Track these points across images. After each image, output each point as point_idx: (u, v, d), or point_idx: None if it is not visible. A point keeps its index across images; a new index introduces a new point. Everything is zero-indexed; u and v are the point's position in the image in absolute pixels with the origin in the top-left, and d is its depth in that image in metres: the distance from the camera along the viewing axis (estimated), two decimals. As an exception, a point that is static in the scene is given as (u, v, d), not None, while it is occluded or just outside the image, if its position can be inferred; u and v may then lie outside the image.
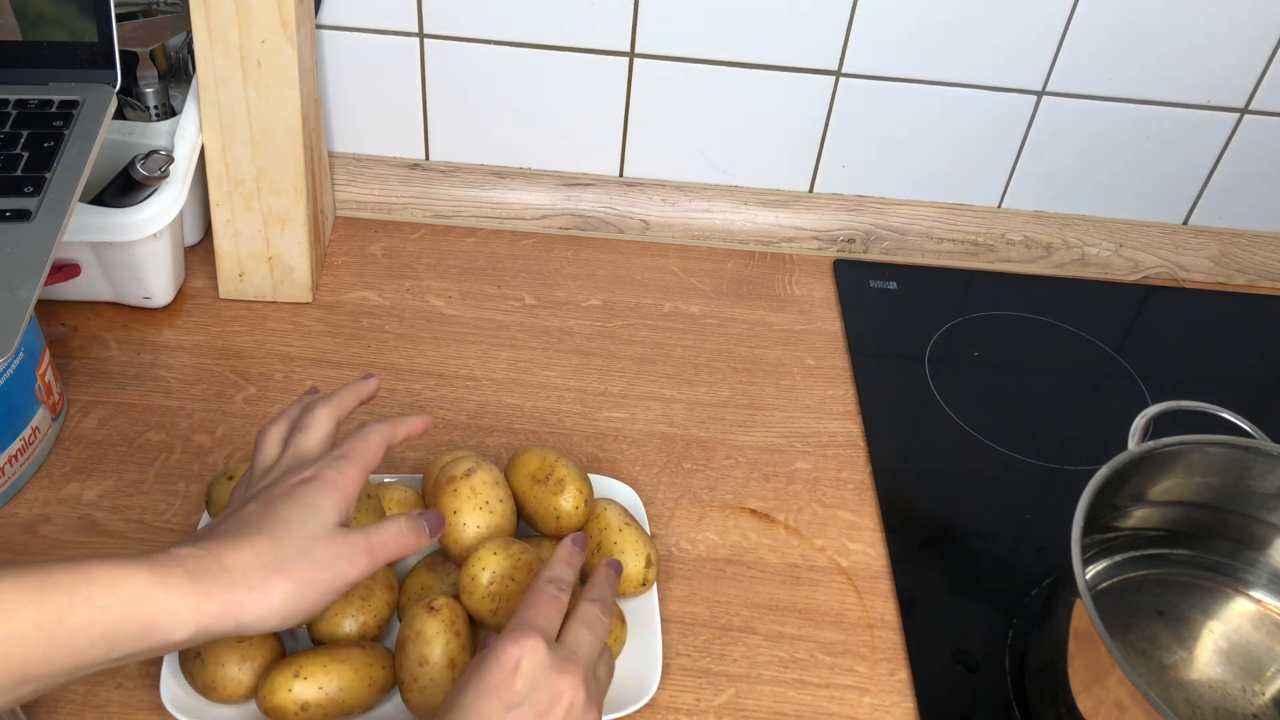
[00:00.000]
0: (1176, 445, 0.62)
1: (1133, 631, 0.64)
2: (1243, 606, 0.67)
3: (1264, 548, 0.67)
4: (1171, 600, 0.67)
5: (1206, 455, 0.64)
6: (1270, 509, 0.65)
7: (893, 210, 0.94)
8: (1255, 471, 0.64)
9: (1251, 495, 0.65)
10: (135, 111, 0.81)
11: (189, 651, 0.57)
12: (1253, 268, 0.96)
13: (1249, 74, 0.87)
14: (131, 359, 0.78)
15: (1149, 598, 0.66)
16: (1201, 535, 0.68)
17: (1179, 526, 0.68)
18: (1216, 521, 0.67)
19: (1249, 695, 0.62)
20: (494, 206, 0.92)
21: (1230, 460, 0.63)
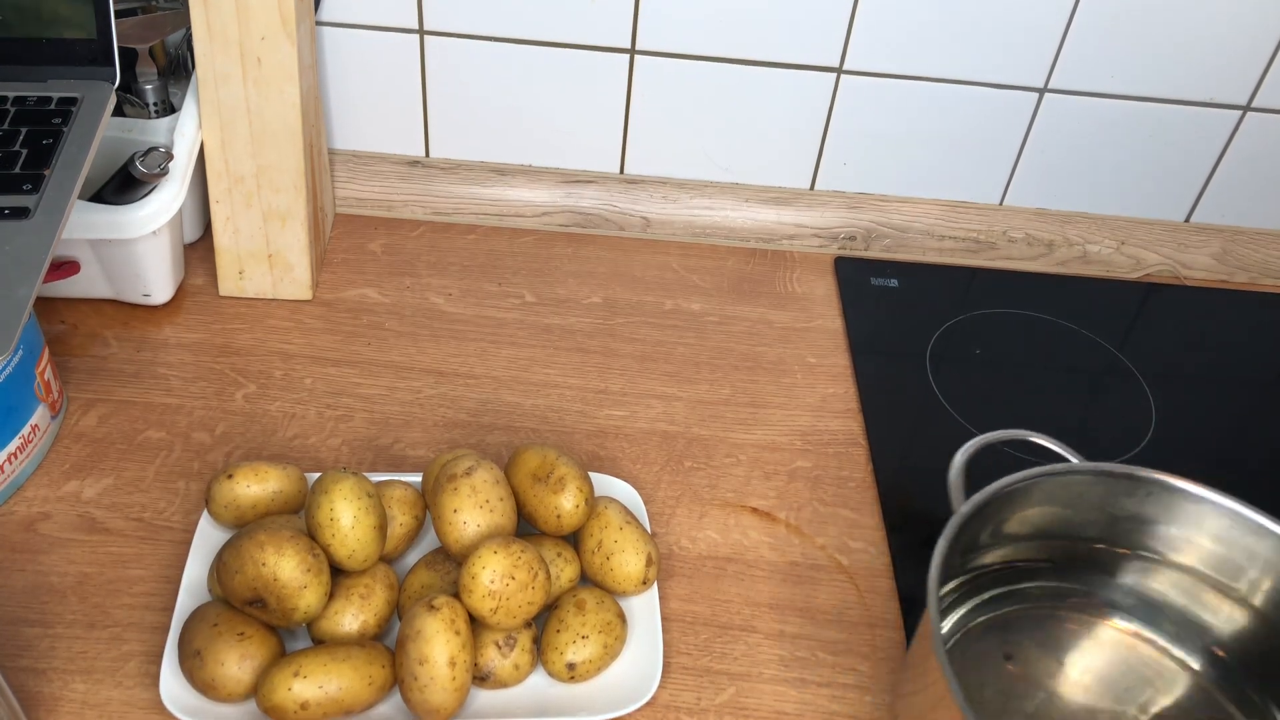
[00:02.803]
0: (1024, 481, 0.60)
1: (988, 684, 0.62)
2: (1099, 633, 0.65)
3: (1112, 571, 0.66)
4: (1018, 639, 0.64)
5: (1059, 485, 0.62)
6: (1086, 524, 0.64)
7: (894, 208, 0.94)
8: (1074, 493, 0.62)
9: (1101, 520, 0.64)
10: (134, 108, 0.81)
11: (189, 650, 0.57)
12: (1255, 265, 0.96)
13: (1251, 71, 0.86)
14: (131, 356, 0.78)
15: (996, 642, 0.64)
16: (1046, 566, 0.66)
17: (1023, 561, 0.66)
18: (1063, 550, 0.65)
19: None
20: (494, 204, 0.92)
21: (1049, 491, 0.62)
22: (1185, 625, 0.65)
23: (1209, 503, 0.61)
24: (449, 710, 0.56)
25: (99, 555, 0.65)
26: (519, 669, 0.59)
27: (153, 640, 0.61)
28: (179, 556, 0.65)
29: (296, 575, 0.57)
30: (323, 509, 0.59)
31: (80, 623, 0.62)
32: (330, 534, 0.59)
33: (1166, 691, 0.63)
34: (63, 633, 0.62)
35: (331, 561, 0.59)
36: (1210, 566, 0.63)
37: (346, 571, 0.60)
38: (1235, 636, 0.64)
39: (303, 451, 0.73)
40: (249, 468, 0.64)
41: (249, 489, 0.63)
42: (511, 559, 0.58)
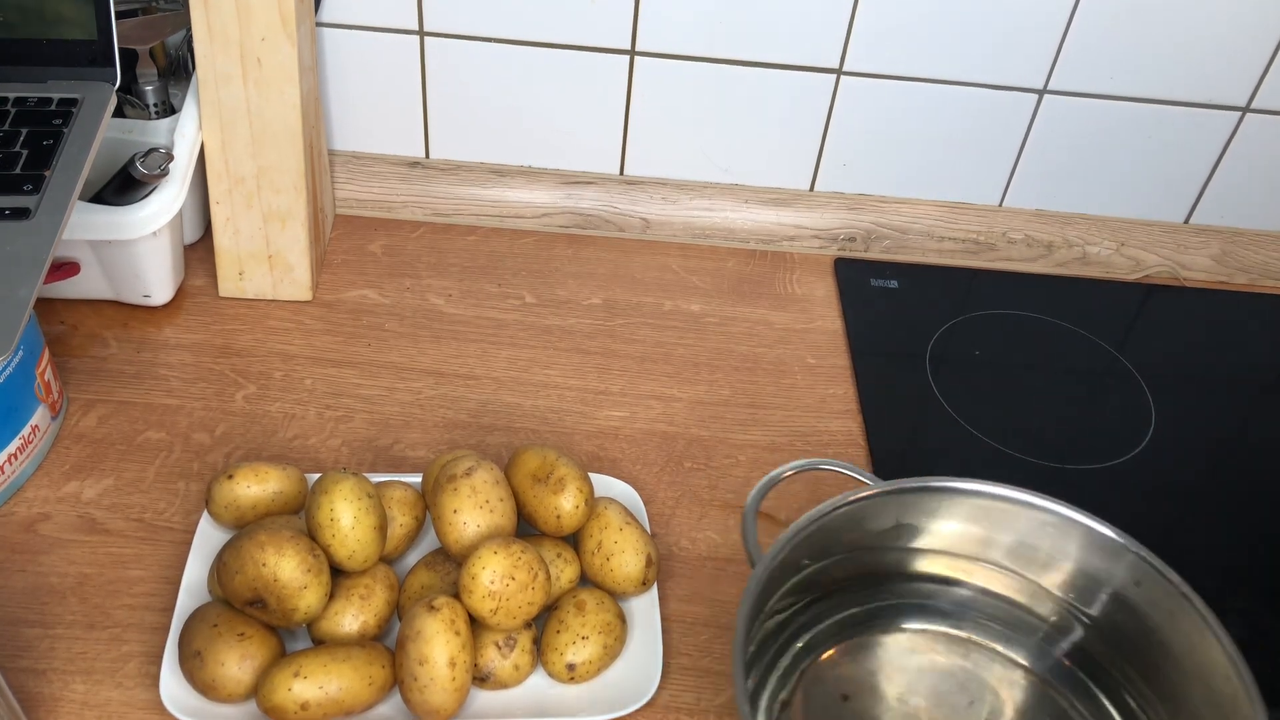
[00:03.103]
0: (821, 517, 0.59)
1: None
2: (932, 651, 0.64)
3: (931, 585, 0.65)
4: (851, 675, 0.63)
5: (857, 511, 0.61)
6: (888, 541, 0.64)
7: (894, 209, 0.94)
8: (870, 515, 0.62)
9: (872, 539, 0.63)
10: (135, 109, 0.81)
11: (189, 650, 0.57)
12: (1254, 267, 0.96)
13: (1251, 72, 0.86)
14: (131, 357, 0.78)
15: (830, 684, 0.62)
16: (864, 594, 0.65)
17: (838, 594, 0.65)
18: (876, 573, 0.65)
19: None
20: (494, 205, 0.92)
21: (848, 516, 0.61)
22: (1015, 626, 0.65)
23: (1011, 501, 0.62)
24: (449, 711, 0.56)
25: (99, 556, 0.65)
26: (519, 669, 0.60)
27: (153, 641, 0.61)
28: (179, 557, 0.65)
29: (297, 576, 0.57)
30: (323, 509, 0.59)
31: (80, 623, 0.62)
32: (330, 534, 0.59)
33: (1009, 697, 0.63)
34: (63, 633, 0.62)
35: (332, 562, 0.59)
36: (1025, 565, 0.63)
37: (347, 572, 0.60)
38: (1062, 631, 0.64)
39: (303, 452, 0.73)
40: (249, 468, 0.64)
41: (249, 490, 0.63)
42: (511, 559, 0.58)
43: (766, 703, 0.60)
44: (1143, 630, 0.60)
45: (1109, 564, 0.61)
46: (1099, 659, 0.63)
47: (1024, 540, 0.63)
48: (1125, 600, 0.61)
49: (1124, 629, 0.61)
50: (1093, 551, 0.61)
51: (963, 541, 0.64)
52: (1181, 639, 0.58)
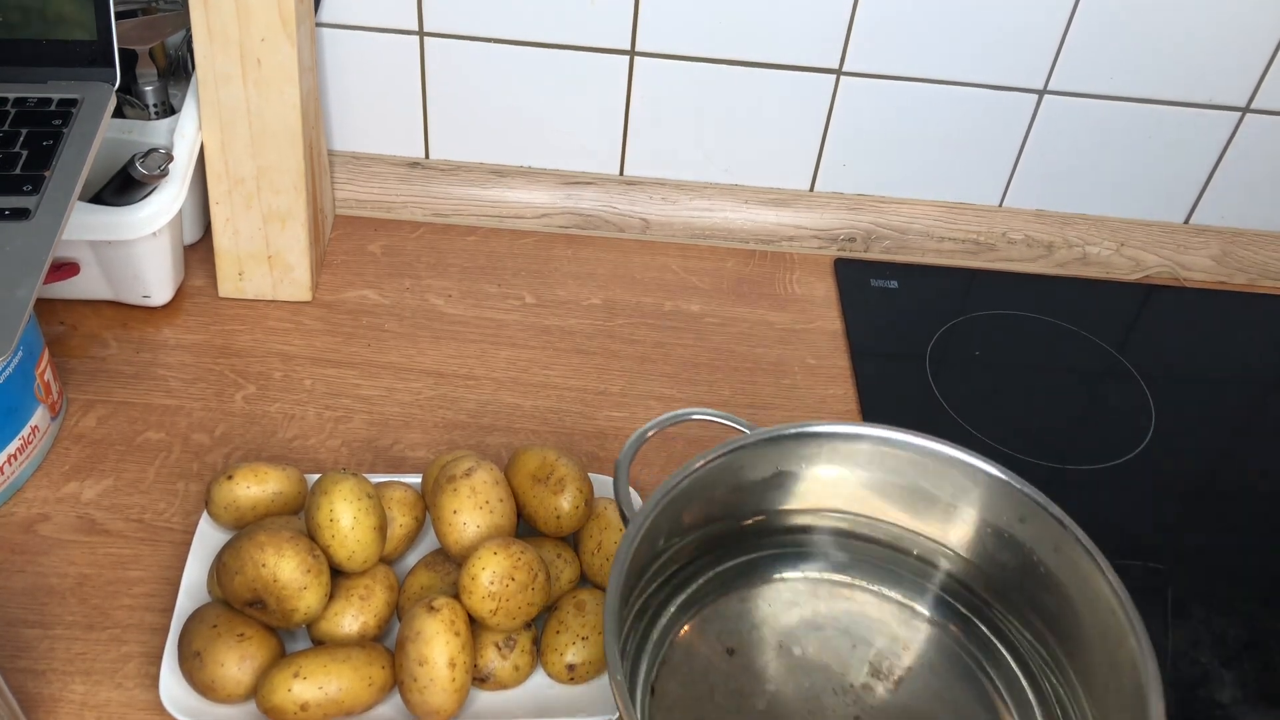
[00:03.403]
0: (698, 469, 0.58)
1: (717, 686, 0.59)
2: (815, 599, 0.63)
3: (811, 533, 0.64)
4: (735, 628, 0.61)
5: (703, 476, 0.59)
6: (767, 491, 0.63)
7: (893, 209, 0.94)
8: (748, 465, 0.61)
9: (750, 488, 0.62)
10: (134, 109, 0.81)
11: (188, 651, 0.57)
12: (1254, 267, 0.96)
13: (1251, 73, 0.86)
14: (131, 358, 0.78)
15: (714, 637, 0.61)
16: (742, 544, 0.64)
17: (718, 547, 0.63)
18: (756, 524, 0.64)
19: (846, 695, 0.59)
20: (494, 205, 0.92)
21: (726, 467, 0.60)
22: (898, 568, 0.64)
23: (891, 444, 0.61)
24: (449, 711, 0.56)
25: (98, 556, 0.65)
26: (519, 670, 0.59)
27: (152, 641, 0.61)
28: (178, 558, 0.65)
29: (296, 576, 0.57)
30: (322, 510, 0.59)
31: (80, 624, 0.62)
32: (330, 535, 0.59)
33: (895, 638, 0.62)
34: (62, 634, 0.62)
35: (331, 563, 0.59)
36: (907, 507, 0.63)
37: (346, 573, 0.60)
38: (947, 571, 0.63)
39: (302, 453, 0.73)
40: (248, 469, 0.64)
41: (248, 490, 0.63)
42: (511, 560, 0.58)
43: (646, 666, 0.59)
44: (1028, 566, 0.60)
45: (994, 502, 0.60)
46: (985, 597, 0.62)
47: (906, 482, 0.62)
48: (1011, 538, 0.60)
49: (1009, 566, 0.61)
50: (977, 490, 0.60)
51: (843, 487, 0.63)
52: (1068, 573, 0.58)
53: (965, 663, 0.61)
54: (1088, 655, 0.57)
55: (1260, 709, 0.64)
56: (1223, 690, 0.65)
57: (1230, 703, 0.65)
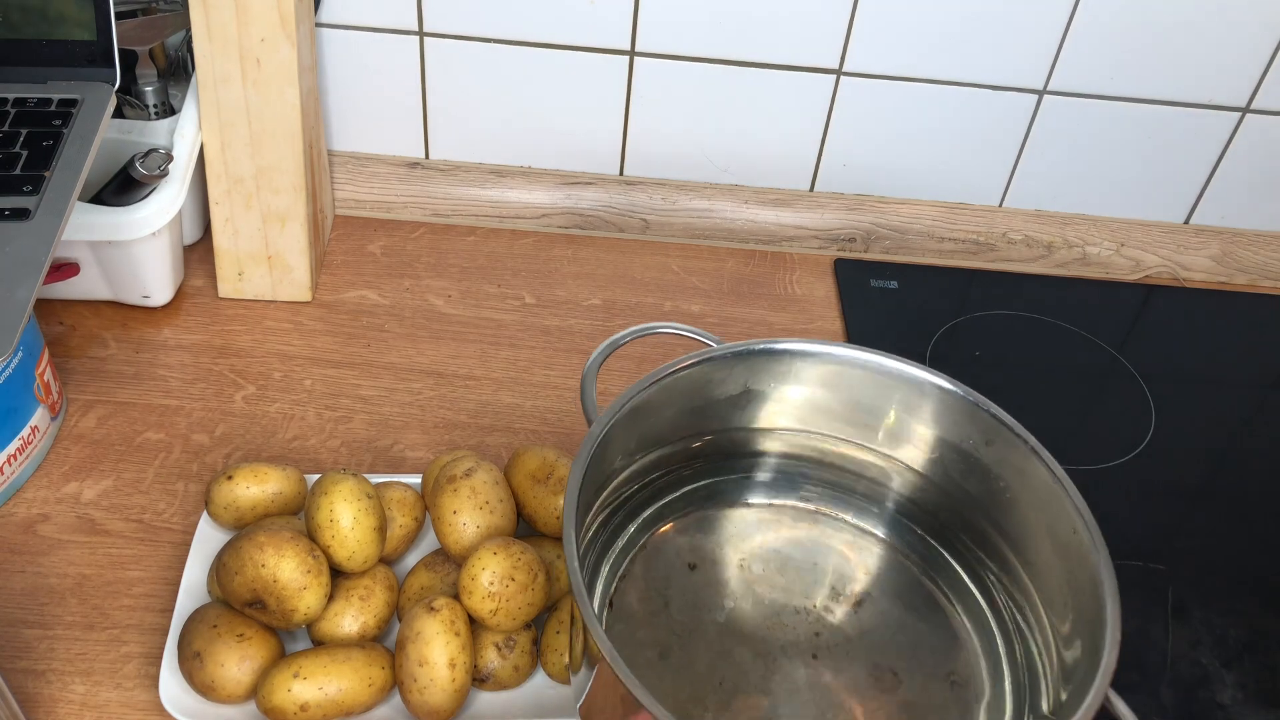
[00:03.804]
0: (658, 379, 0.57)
1: (674, 599, 0.59)
2: (765, 518, 0.63)
3: (771, 453, 0.64)
4: (700, 544, 0.62)
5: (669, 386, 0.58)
6: (735, 410, 0.62)
7: (893, 209, 0.94)
8: (716, 380, 0.60)
9: (717, 407, 0.62)
10: (134, 110, 0.81)
11: (188, 651, 0.57)
12: (1254, 267, 0.96)
13: (1251, 73, 0.86)
14: (130, 358, 0.78)
15: (676, 553, 0.61)
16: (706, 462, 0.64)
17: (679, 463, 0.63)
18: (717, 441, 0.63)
19: (806, 614, 0.59)
20: (494, 205, 0.92)
21: (693, 380, 0.59)
22: (861, 494, 0.64)
23: (857, 364, 0.60)
24: (449, 712, 0.56)
25: (98, 557, 0.65)
26: (519, 670, 0.59)
27: (152, 642, 0.61)
28: (178, 558, 0.65)
29: (296, 577, 0.57)
30: (322, 510, 0.59)
31: (79, 624, 0.62)
32: (330, 535, 0.59)
33: (855, 561, 0.62)
34: (62, 634, 0.61)
35: (331, 563, 0.59)
36: (873, 430, 0.62)
37: (346, 573, 0.60)
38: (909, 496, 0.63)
39: (302, 453, 0.73)
40: (248, 469, 0.64)
41: (248, 490, 0.63)
42: (511, 560, 0.58)
43: (611, 566, 0.59)
44: (991, 490, 0.59)
45: (960, 424, 0.60)
46: (945, 521, 0.62)
47: (873, 404, 0.61)
48: (975, 460, 0.60)
49: (972, 490, 0.60)
50: (944, 412, 0.60)
51: (810, 409, 0.62)
52: (1030, 495, 0.57)
53: (926, 587, 0.61)
54: (1048, 577, 0.57)
55: (1260, 709, 0.64)
56: (1223, 691, 0.65)
57: (1230, 703, 0.65)
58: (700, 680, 0.56)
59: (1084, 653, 0.52)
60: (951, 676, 0.58)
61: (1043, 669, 0.56)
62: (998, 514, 0.59)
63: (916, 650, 0.59)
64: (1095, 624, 0.51)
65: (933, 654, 0.59)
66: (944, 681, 0.58)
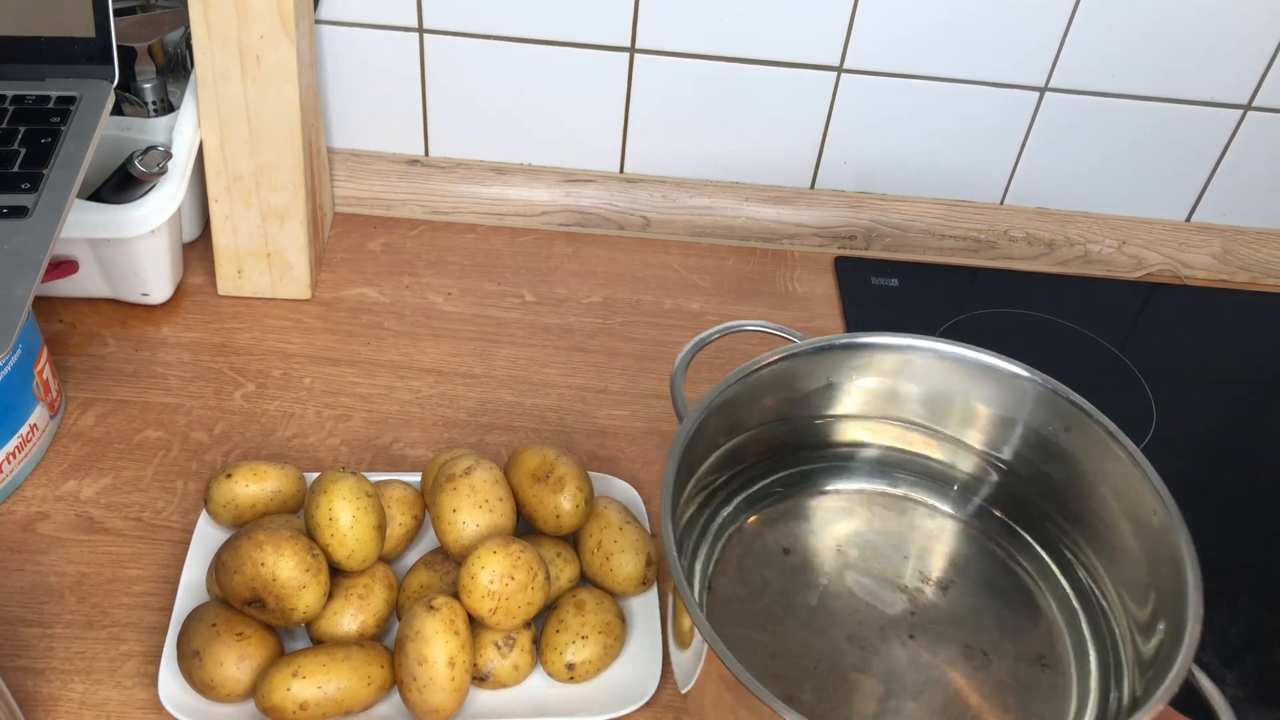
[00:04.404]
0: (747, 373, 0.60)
1: (771, 583, 0.62)
2: (855, 505, 0.66)
3: (860, 442, 0.67)
4: (792, 530, 0.64)
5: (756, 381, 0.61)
6: (819, 402, 0.65)
7: (894, 207, 0.94)
8: (800, 374, 0.63)
9: (803, 400, 0.65)
10: (133, 107, 0.81)
11: (187, 650, 0.57)
12: (1256, 265, 0.96)
13: (1253, 71, 0.86)
14: (129, 356, 0.77)
15: (770, 538, 0.64)
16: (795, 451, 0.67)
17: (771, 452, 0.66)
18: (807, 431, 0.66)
19: (900, 594, 0.62)
20: (493, 203, 0.92)
21: (778, 374, 0.62)
22: (947, 480, 0.66)
23: (941, 355, 0.63)
24: (448, 711, 0.56)
25: (97, 555, 0.65)
26: (518, 669, 0.59)
27: (151, 640, 0.61)
28: (177, 556, 0.65)
29: (295, 575, 0.56)
30: (322, 509, 0.59)
31: (78, 623, 0.62)
32: (329, 534, 0.59)
33: (943, 544, 0.64)
34: (61, 633, 0.61)
35: (330, 561, 0.59)
36: (958, 418, 0.64)
37: (345, 571, 0.60)
38: (993, 482, 0.65)
39: (301, 451, 0.72)
40: (248, 467, 0.64)
41: (248, 489, 0.63)
42: (511, 559, 0.58)
43: (705, 554, 0.62)
44: (1071, 475, 0.62)
45: (1040, 411, 0.62)
46: (1027, 506, 0.64)
47: (953, 393, 0.63)
48: (1055, 446, 0.62)
49: (1052, 475, 0.63)
50: (1023, 400, 0.62)
51: (891, 399, 0.65)
52: (1109, 479, 0.59)
53: (1012, 571, 0.63)
54: (1127, 559, 0.59)
55: (1261, 709, 0.64)
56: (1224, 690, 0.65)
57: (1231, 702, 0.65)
58: (799, 660, 0.59)
59: (1165, 633, 0.53)
60: (1041, 659, 0.60)
61: (1124, 650, 0.58)
62: (1077, 498, 0.61)
63: (1005, 632, 0.61)
64: (1177, 602, 0.52)
65: (1021, 636, 0.61)
66: (1034, 664, 0.60)
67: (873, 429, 0.67)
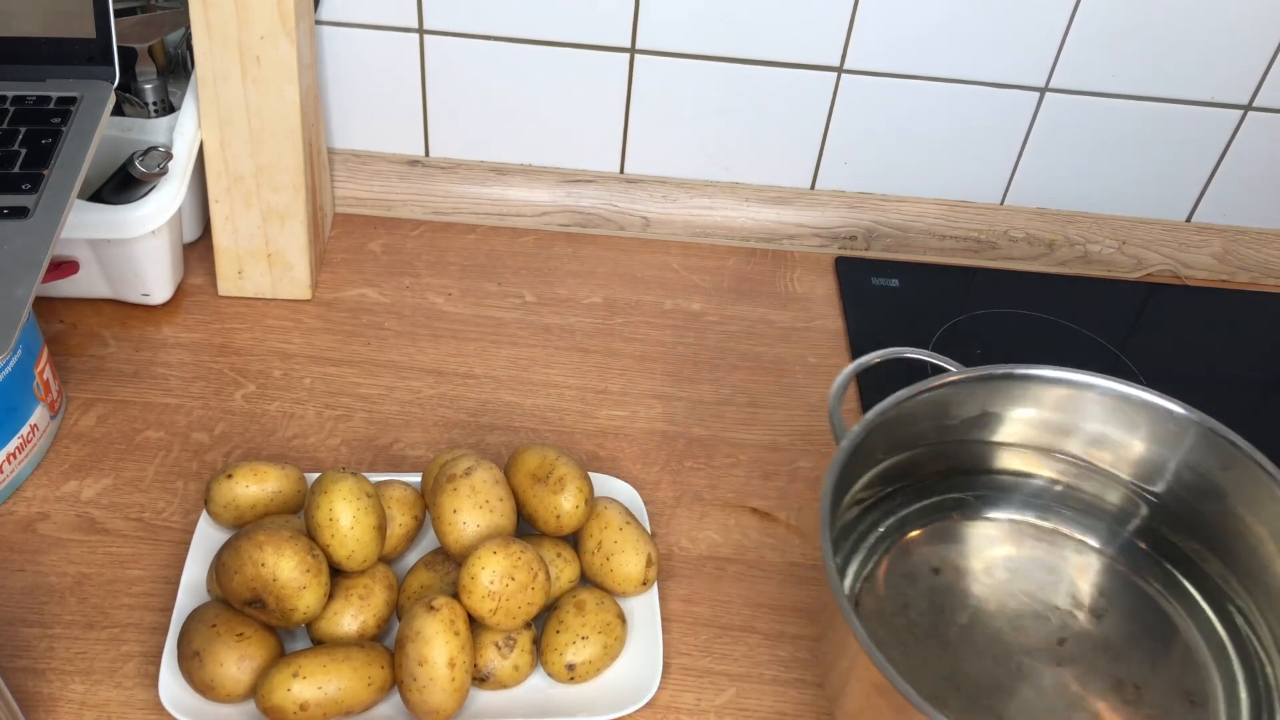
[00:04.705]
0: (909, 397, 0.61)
1: (920, 599, 0.62)
2: (1006, 533, 0.66)
3: (1014, 471, 0.67)
4: (942, 552, 0.65)
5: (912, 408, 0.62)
6: (974, 430, 0.65)
7: (895, 207, 0.94)
8: (956, 402, 0.64)
9: (957, 428, 0.65)
10: (134, 108, 0.81)
11: (188, 650, 0.57)
12: (1256, 265, 0.96)
13: (1253, 71, 0.86)
14: (130, 356, 0.77)
15: (920, 557, 0.65)
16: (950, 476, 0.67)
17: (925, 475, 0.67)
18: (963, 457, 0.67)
19: (1050, 620, 0.62)
20: (494, 203, 0.92)
21: (934, 401, 0.63)
22: (1098, 514, 0.66)
23: (1099, 390, 0.63)
24: (448, 711, 0.56)
25: (98, 555, 0.65)
26: (519, 670, 0.59)
27: (152, 641, 0.61)
28: (178, 557, 0.65)
29: (296, 576, 0.57)
30: (322, 509, 0.59)
31: (79, 623, 0.62)
32: (329, 534, 0.59)
33: (1085, 579, 0.64)
34: (61, 633, 0.61)
35: (331, 562, 0.59)
36: (1115, 452, 0.64)
37: (346, 572, 0.60)
38: (1144, 517, 0.65)
39: (302, 451, 0.72)
40: (248, 468, 0.64)
41: (248, 489, 0.63)
42: (511, 559, 0.58)
43: (854, 570, 0.63)
44: (1225, 514, 0.61)
45: (1197, 449, 0.62)
46: (1179, 542, 0.64)
47: (1109, 428, 0.64)
48: (1211, 485, 0.62)
49: (1206, 514, 0.62)
50: (1180, 437, 0.62)
51: (1046, 431, 0.65)
52: (1268, 521, 0.59)
53: (1162, 606, 0.63)
54: None
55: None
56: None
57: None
58: (946, 677, 0.59)
59: None
60: (1190, 696, 0.59)
61: (1277, 692, 0.58)
62: (1232, 537, 0.61)
63: (1155, 666, 0.60)
64: None
65: (1171, 671, 0.60)
66: (1183, 699, 0.59)
67: (1026, 459, 0.67)
